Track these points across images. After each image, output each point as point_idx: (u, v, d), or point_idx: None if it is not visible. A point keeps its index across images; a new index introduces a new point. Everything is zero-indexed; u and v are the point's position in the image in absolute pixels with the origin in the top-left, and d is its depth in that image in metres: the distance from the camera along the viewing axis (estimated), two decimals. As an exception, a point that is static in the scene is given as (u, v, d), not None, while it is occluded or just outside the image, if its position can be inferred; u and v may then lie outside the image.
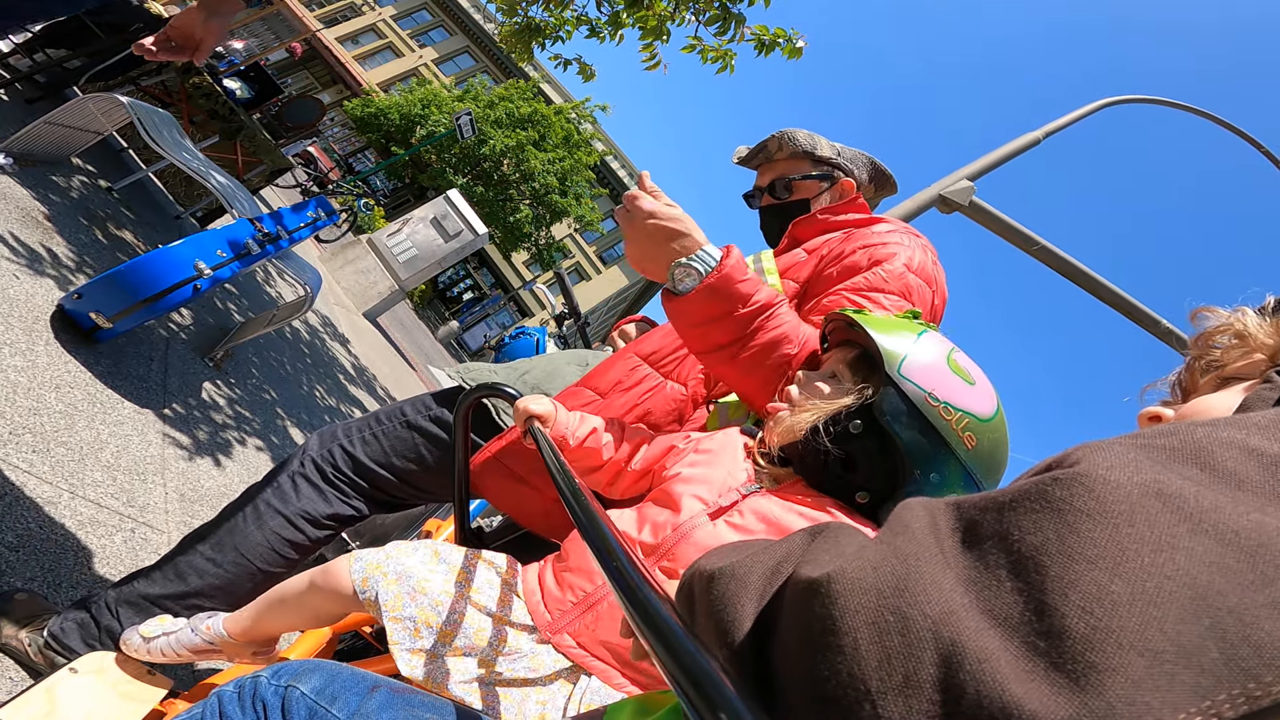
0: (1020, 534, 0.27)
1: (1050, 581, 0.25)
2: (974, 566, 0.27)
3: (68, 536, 1.37)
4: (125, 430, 1.82)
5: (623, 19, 3.40)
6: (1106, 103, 5.04)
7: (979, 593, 0.26)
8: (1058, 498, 0.27)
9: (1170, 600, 0.23)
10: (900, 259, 1.01)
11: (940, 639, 0.25)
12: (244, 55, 5.96)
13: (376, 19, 22.73)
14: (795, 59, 3.04)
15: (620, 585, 0.36)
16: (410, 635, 0.76)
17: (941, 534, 0.30)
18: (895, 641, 0.26)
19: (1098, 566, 0.24)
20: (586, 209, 17.56)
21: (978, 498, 0.31)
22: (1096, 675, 0.22)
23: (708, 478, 0.83)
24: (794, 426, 0.78)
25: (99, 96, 2.69)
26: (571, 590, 0.81)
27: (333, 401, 3.88)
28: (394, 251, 7.78)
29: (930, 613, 0.26)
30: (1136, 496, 0.26)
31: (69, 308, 1.90)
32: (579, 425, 0.92)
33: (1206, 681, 0.22)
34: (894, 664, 0.25)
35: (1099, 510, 0.26)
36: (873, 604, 0.27)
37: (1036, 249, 4.08)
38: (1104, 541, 0.25)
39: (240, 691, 0.61)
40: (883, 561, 0.29)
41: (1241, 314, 0.52)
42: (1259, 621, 0.23)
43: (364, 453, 1.15)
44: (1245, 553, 0.24)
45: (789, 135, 1.20)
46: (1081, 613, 0.23)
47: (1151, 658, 0.22)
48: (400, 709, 0.56)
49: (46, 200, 2.53)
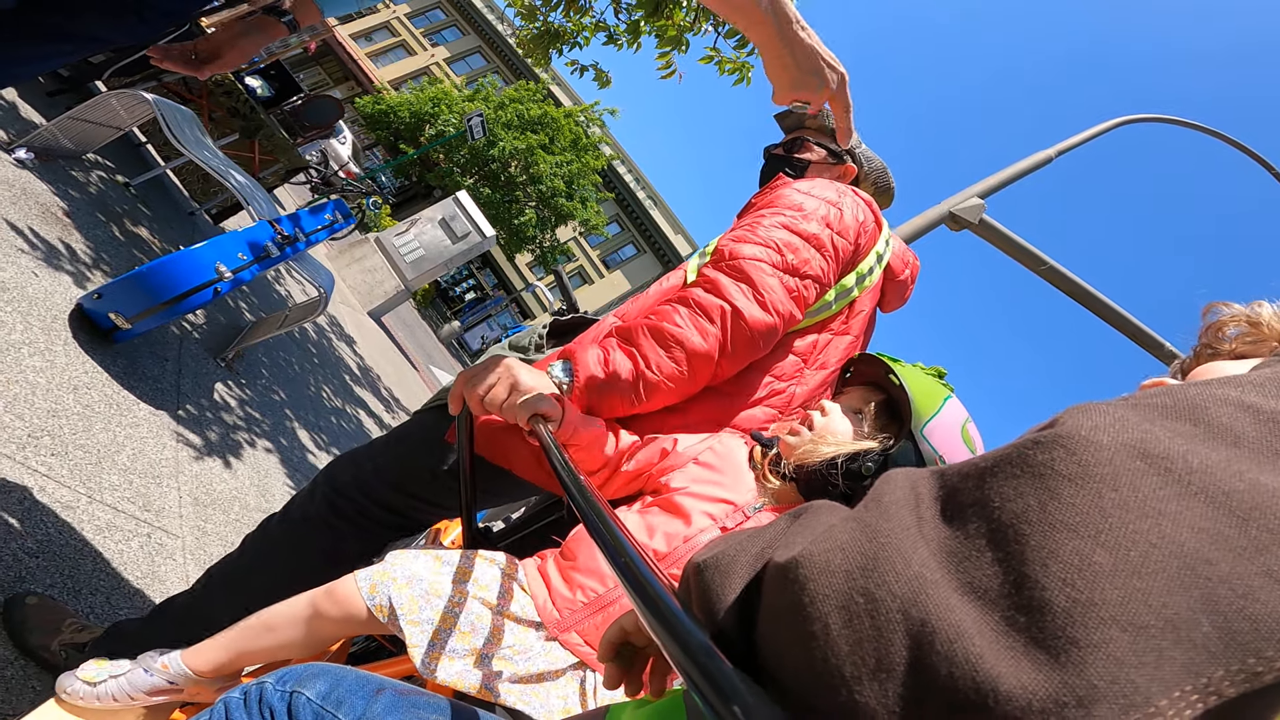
0: (1001, 501, 0.26)
1: (1030, 551, 0.23)
2: (954, 537, 0.26)
3: (85, 542, 1.36)
4: (141, 432, 1.82)
5: (641, 27, 3.41)
6: (1121, 121, 5.03)
7: (958, 565, 0.25)
8: (1038, 461, 0.26)
9: (1157, 570, 0.21)
10: (791, 186, 1.05)
11: (910, 619, 0.24)
12: (264, 53, 5.97)
13: (390, 16, 22.80)
14: (815, 76, 3.04)
15: (629, 580, 0.35)
16: (429, 638, 0.76)
17: (922, 504, 0.29)
18: (865, 624, 0.25)
19: (1079, 534, 0.23)
20: (592, 212, 17.58)
21: (961, 464, 0.30)
22: (1078, 651, 0.21)
23: (715, 494, 0.86)
24: (813, 453, 0.81)
25: (123, 93, 2.70)
26: (582, 591, 0.82)
27: (339, 403, 3.88)
28: (401, 251, 7.79)
29: (898, 592, 0.25)
30: (1121, 458, 0.25)
31: (88, 307, 1.90)
32: (586, 424, 0.90)
33: (1200, 658, 0.20)
34: (865, 648, 0.24)
35: (1080, 474, 0.24)
36: (841, 586, 0.26)
37: (1044, 269, 4.07)
38: (1086, 507, 0.23)
39: (246, 697, 0.60)
40: (852, 541, 0.28)
41: (1259, 306, 0.51)
42: (1254, 592, 0.21)
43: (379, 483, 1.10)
44: (1237, 517, 0.22)
45: (827, 112, 1.21)
46: (1062, 584, 0.22)
47: (1135, 633, 0.20)
48: (405, 711, 0.56)
49: (65, 196, 2.53)
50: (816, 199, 1.03)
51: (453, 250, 8.04)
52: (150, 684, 0.89)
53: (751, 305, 0.93)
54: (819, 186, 1.06)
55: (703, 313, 0.93)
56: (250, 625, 0.89)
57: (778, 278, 0.95)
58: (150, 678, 0.89)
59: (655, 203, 22.73)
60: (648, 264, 23.10)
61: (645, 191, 22.53)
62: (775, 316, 0.94)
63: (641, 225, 22.69)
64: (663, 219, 22.67)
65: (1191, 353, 0.55)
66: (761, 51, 0.78)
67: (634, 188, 22.13)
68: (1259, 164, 5.04)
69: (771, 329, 0.95)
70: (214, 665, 0.88)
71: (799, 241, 0.97)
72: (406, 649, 0.76)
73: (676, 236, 22.77)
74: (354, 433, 3.73)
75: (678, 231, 22.93)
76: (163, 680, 0.89)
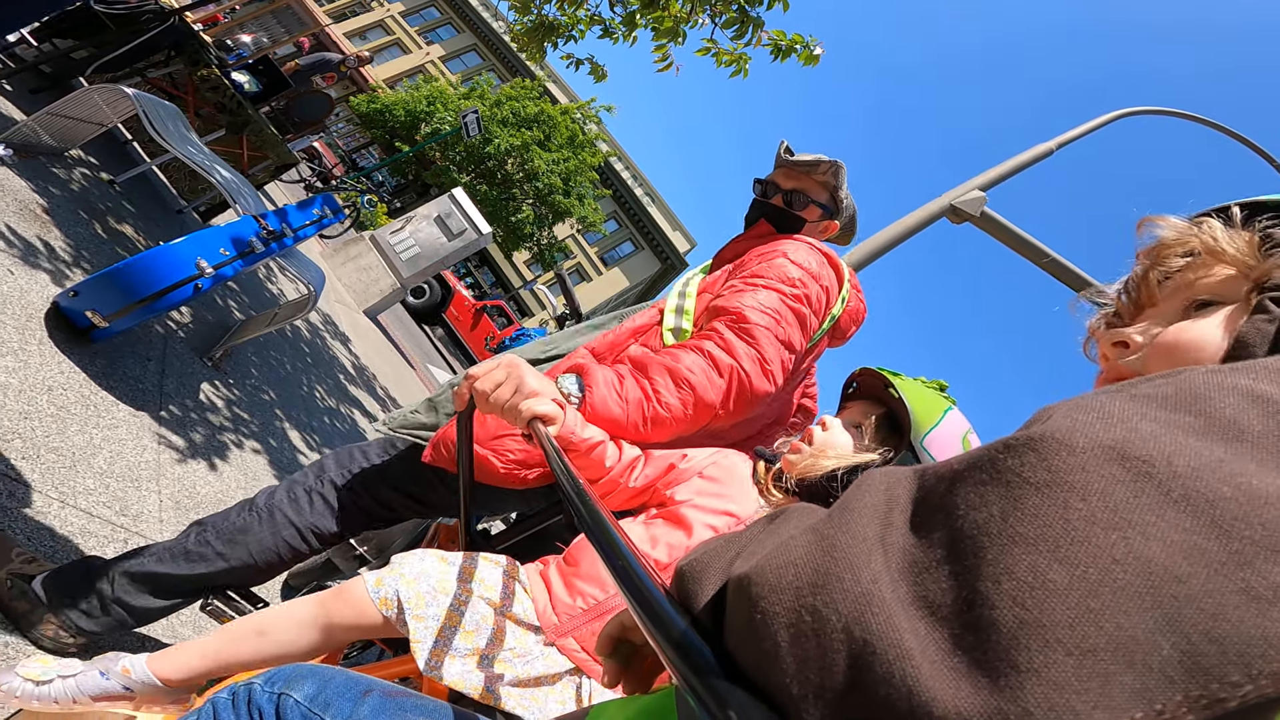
0: (965, 509, 0.24)
1: (986, 566, 0.22)
2: (918, 545, 0.25)
3: (57, 548, 1.31)
4: (119, 434, 1.76)
5: (637, 20, 3.35)
6: (1120, 114, 5.00)
7: (915, 577, 0.24)
8: (1007, 467, 0.24)
9: (1114, 590, 0.20)
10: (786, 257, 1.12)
11: (853, 638, 0.23)
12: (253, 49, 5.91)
13: (385, 15, 22.71)
14: (812, 65, 2.99)
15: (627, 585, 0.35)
16: (432, 634, 0.76)
17: (895, 508, 0.27)
18: (811, 644, 0.24)
19: (1037, 549, 0.21)
20: (589, 210, 17.52)
21: (940, 464, 0.28)
22: (1017, 676, 0.19)
23: (719, 507, 0.89)
24: (814, 467, 0.82)
25: (104, 87, 2.63)
26: (582, 597, 0.83)
27: (332, 402, 3.82)
28: (397, 249, 7.72)
29: (844, 610, 0.23)
30: (1095, 463, 0.23)
31: (64, 305, 1.84)
32: (585, 430, 0.92)
33: (1154, 683, 0.19)
34: (810, 667, 0.23)
35: (1049, 481, 0.23)
36: (790, 604, 0.25)
37: (1047, 261, 4.03)
38: (1050, 519, 0.22)
39: (235, 698, 0.61)
40: (805, 556, 0.26)
41: (1208, 226, 0.46)
42: (1225, 611, 0.19)
43: (381, 479, 1.19)
44: (1219, 528, 0.20)
45: (838, 168, 1.26)
46: (1012, 603, 0.21)
47: (1081, 657, 0.19)
48: (392, 713, 0.56)
49: (46, 193, 2.47)
50: (808, 274, 1.12)
51: (449, 248, 7.98)
52: (102, 688, 0.84)
53: (757, 369, 1.02)
54: (805, 255, 1.14)
55: (715, 366, 1.01)
56: (238, 629, 0.86)
57: (777, 349, 1.04)
58: (105, 681, 0.84)
59: (653, 199, 22.69)
60: (646, 260, 23.06)
61: (643, 188, 22.49)
62: (773, 385, 1.04)
63: (639, 222, 22.64)
64: (660, 215, 22.63)
65: (1133, 278, 0.50)
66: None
67: (631, 184, 22.08)
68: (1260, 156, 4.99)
69: (769, 395, 1.05)
70: (188, 673, 0.84)
71: (793, 319, 1.07)
72: (408, 649, 0.76)
73: (674, 233, 22.74)
74: (348, 433, 3.67)
75: (675, 228, 22.90)
76: (118, 685, 0.84)
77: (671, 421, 0.99)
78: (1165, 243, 0.48)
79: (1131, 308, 0.50)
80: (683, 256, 22.75)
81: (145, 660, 0.86)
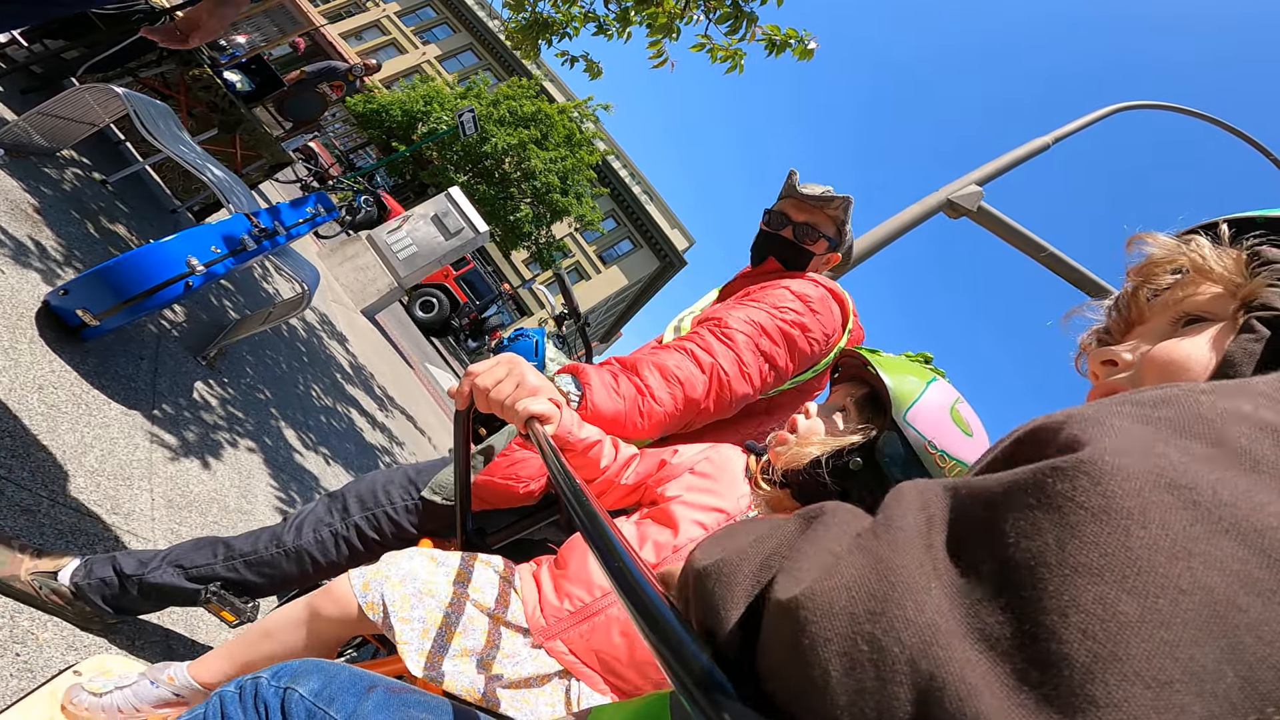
0: (1016, 537, 0.23)
1: (1048, 599, 0.21)
2: (964, 574, 0.24)
3: (48, 547, 1.30)
4: (111, 433, 1.75)
5: (631, 16, 3.34)
6: (1116, 108, 4.99)
7: (968, 609, 0.23)
8: (1058, 493, 0.23)
9: (1186, 620, 0.20)
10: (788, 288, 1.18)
11: (918, 672, 0.22)
12: (246, 48, 5.89)
13: (380, 15, 22.67)
14: (806, 60, 2.98)
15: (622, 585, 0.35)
16: (419, 635, 0.77)
17: (934, 528, 0.27)
18: (868, 675, 0.23)
19: (1103, 580, 0.21)
20: (587, 208, 17.51)
21: (973, 482, 0.27)
22: (1096, 711, 0.19)
23: (707, 503, 0.89)
24: (798, 456, 0.81)
25: (95, 87, 2.62)
26: (570, 599, 0.83)
27: (329, 401, 3.81)
28: (394, 248, 7.71)
29: (908, 641, 0.22)
30: (1149, 490, 0.22)
31: (55, 304, 1.84)
32: (582, 430, 0.92)
33: (1220, 709, 0.19)
34: (866, 700, 0.22)
35: (1106, 508, 0.22)
36: (845, 630, 0.24)
37: (1044, 255, 4.03)
38: (1112, 548, 0.21)
39: (241, 692, 0.61)
40: (859, 579, 0.25)
41: (1196, 244, 0.47)
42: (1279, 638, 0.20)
43: (408, 521, 1.21)
44: (1268, 557, 0.21)
45: (848, 203, 1.30)
46: (1082, 637, 0.20)
47: (1159, 689, 0.19)
48: (396, 709, 0.57)
49: (37, 192, 2.46)
50: (805, 305, 1.18)
51: (446, 246, 7.96)
52: (156, 696, 0.90)
53: (736, 370, 1.08)
54: (807, 288, 1.21)
55: (696, 363, 1.07)
56: (249, 634, 0.91)
57: (755, 356, 1.11)
58: (156, 689, 0.90)
59: (650, 197, 22.66)
60: (644, 259, 23.05)
61: (640, 186, 22.47)
62: (751, 388, 1.10)
63: (637, 220, 22.62)
64: (658, 213, 22.60)
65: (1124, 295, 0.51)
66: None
67: (629, 182, 22.06)
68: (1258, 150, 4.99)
69: (748, 397, 1.11)
70: (220, 676, 0.90)
71: (780, 337, 1.14)
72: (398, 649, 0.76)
73: (673, 231, 22.72)
74: (345, 431, 3.67)
75: (674, 225, 22.88)
76: (168, 692, 0.90)
77: (664, 416, 1.03)
78: (1154, 260, 0.49)
79: (1122, 324, 0.51)
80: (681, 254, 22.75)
81: (186, 667, 0.92)
